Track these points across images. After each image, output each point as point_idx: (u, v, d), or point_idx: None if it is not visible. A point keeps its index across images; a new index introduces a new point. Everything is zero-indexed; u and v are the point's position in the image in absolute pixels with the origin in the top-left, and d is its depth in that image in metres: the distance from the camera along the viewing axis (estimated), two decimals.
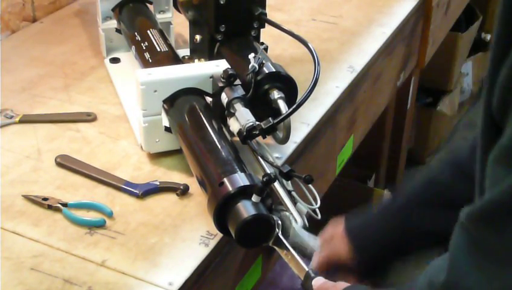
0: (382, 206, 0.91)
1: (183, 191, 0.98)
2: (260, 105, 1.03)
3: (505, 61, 0.57)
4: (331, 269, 0.90)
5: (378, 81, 1.51)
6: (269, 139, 1.04)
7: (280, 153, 1.07)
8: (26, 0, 1.50)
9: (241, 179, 0.87)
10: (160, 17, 1.34)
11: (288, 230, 0.89)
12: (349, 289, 0.80)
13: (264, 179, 0.85)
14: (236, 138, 0.98)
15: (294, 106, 0.97)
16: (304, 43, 1.08)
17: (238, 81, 1.02)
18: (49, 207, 0.96)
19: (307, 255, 0.91)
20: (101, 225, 0.93)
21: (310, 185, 0.95)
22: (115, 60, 1.34)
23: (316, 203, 0.96)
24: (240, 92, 1.01)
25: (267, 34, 1.22)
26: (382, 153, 2.06)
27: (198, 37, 1.20)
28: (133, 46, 1.22)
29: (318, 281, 0.83)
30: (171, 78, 1.03)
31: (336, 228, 0.92)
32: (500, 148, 0.57)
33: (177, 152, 1.06)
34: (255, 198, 0.85)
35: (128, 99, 1.19)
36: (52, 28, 1.50)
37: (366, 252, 0.88)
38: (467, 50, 2.70)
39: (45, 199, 0.96)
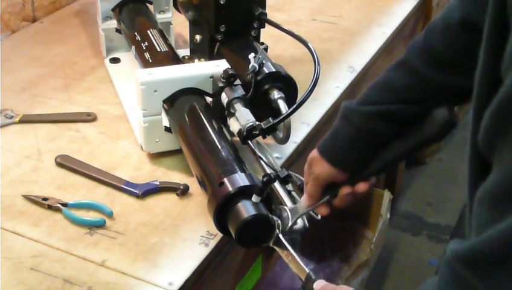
0: (345, 116, 0.89)
1: (183, 191, 0.98)
2: (260, 105, 1.03)
3: (487, 106, 0.57)
4: (329, 190, 0.90)
5: None
6: (269, 139, 1.04)
7: (280, 153, 1.07)
8: (26, 0, 1.50)
9: (241, 179, 0.87)
10: (160, 17, 1.34)
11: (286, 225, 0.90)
12: None
13: (264, 179, 0.85)
14: (236, 138, 0.98)
15: (295, 106, 0.97)
16: (304, 43, 1.08)
17: (238, 81, 1.02)
18: (49, 207, 0.95)
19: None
20: (101, 225, 0.93)
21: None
22: (115, 60, 1.34)
23: None
24: (240, 92, 1.01)
25: (267, 34, 1.22)
26: None
27: (198, 37, 1.21)
28: (133, 46, 1.22)
29: (319, 283, 0.83)
30: (171, 78, 1.03)
31: (311, 155, 0.91)
32: (485, 191, 0.58)
33: (177, 152, 1.06)
34: (255, 198, 0.85)
35: (128, 99, 1.19)
36: (52, 28, 1.50)
37: (347, 164, 0.87)
38: None
39: (45, 199, 0.96)
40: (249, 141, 0.97)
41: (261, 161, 0.98)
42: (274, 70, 1.05)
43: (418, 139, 0.83)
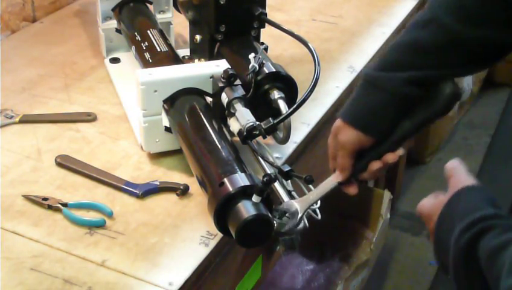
0: (372, 83, 0.87)
1: (183, 191, 0.98)
2: (260, 105, 1.03)
3: None
4: (357, 164, 0.90)
5: None
6: (269, 139, 1.04)
7: (280, 153, 1.07)
8: (26, 0, 1.50)
9: (241, 179, 0.87)
10: (160, 17, 1.34)
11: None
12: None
13: (265, 179, 0.85)
14: (237, 138, 0.98)
15: (295, 106, 0.97)
16: (304, 43, 1.08)
17: (238, 81, 1.02)
18: (49, 207, 0.96)
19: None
20: (101, 225, 0.93)
21: (310, 185, 0.95)
22: (115, 60, 1.34)
23: (316, 204, 0.96)
24: (240, 92, 1.01)
25: (267, 34, 1.22)
26: None
27: (198, 37, 1.21)
28: (133, 46, 1.22)
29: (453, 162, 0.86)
30: (171, 78, 1.03)
31: (336, 125, 0.90)
32: None
33: (177, 152, 1.06)
34: (255, 198, 0.85)
35: (128, 99, 1.19)
36: (52, 28, 1.50)
37: (378, 129, 0.88)
38: None
39: (45, 199, 0.96)
40: (249, 141, 0.97)
41: (261, 161, 0.98)
42: (274, 70, 1.05)
43: (427, 112, 0.86)
